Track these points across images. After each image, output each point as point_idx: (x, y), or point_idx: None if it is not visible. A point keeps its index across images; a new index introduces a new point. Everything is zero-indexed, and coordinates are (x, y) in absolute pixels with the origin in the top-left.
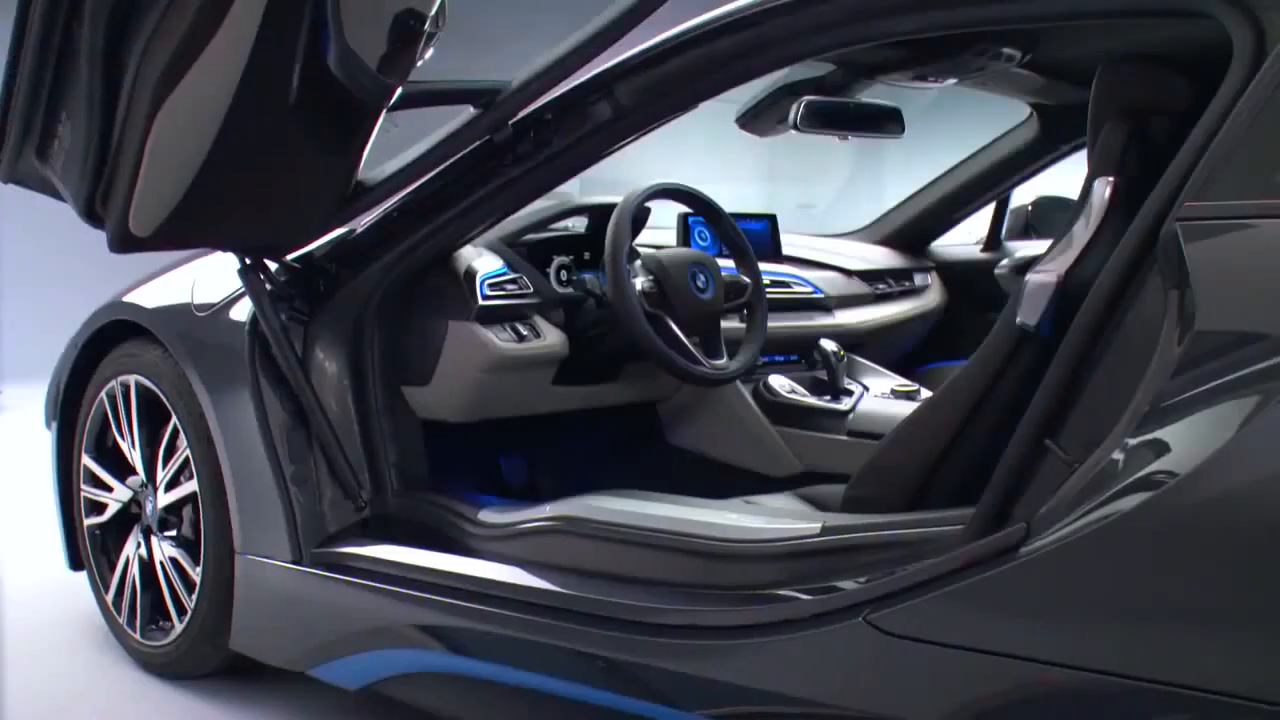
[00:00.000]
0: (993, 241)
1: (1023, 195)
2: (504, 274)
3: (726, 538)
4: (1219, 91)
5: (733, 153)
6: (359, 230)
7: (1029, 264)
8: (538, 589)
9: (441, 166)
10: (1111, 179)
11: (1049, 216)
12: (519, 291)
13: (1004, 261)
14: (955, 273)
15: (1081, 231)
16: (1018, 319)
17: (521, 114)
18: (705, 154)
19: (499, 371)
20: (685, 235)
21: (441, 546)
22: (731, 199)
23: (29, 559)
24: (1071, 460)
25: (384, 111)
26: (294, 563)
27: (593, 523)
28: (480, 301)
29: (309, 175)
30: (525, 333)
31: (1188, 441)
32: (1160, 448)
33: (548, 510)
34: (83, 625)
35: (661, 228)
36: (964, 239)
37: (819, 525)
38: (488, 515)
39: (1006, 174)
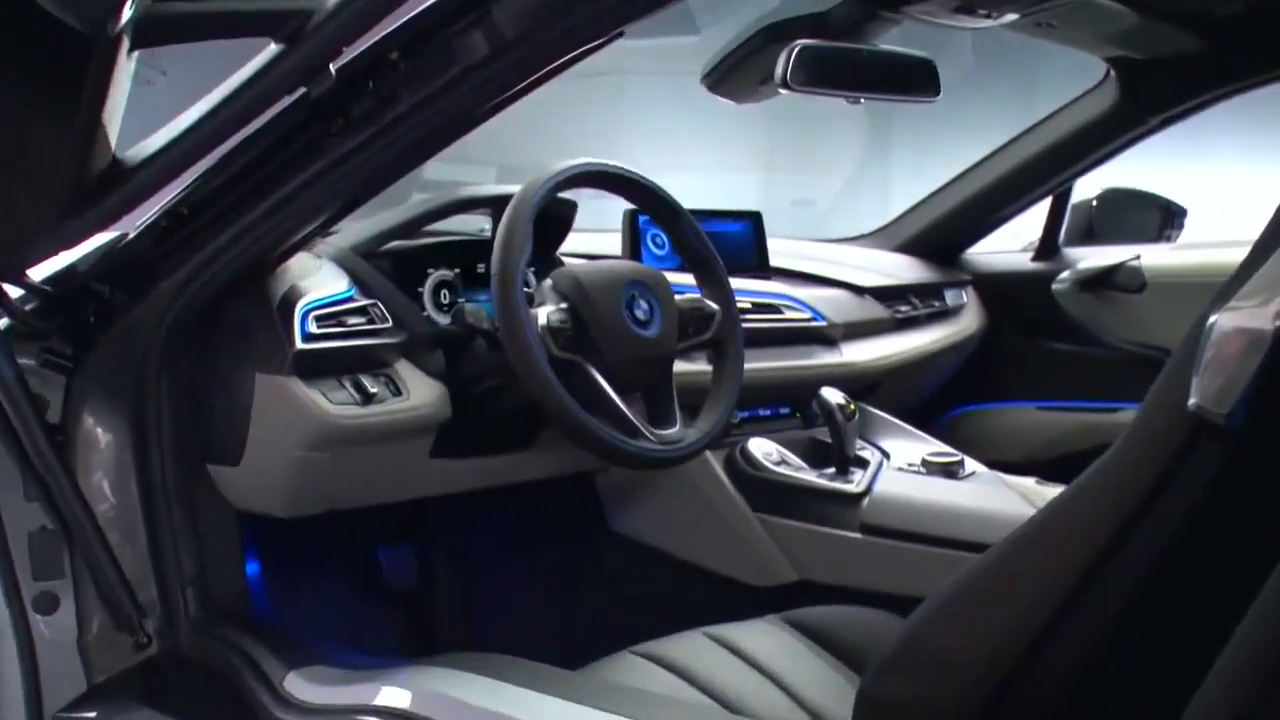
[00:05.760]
0: (1048, 248)
1: (1085, 187)
2: (346, 299)
3: None
4: None
5: (728, 135)
6: (132, 235)
7: (1095, 278)
8: None
9: (239, 137)
10: None
11: (1119, 215)
12: (367, 326)
13: (1063, 274)
14: (998, 288)
15: None
16: (1191, 400)
17: (349, 53)
18: (696, 137)
19: (335, 447)
20: (634, 242)
21: None
22: (728, 193)
23: None
24: None
25: (123, 49)
26: None
27: None
28: (299, 344)
29: (19, 152)
30: (375, 389)
31: None
32: None
33: (378, 692)
34: None
35: (606, 230)
36: (1009, 244)
37: None
38: (297, 686)
39: (1070, 158)
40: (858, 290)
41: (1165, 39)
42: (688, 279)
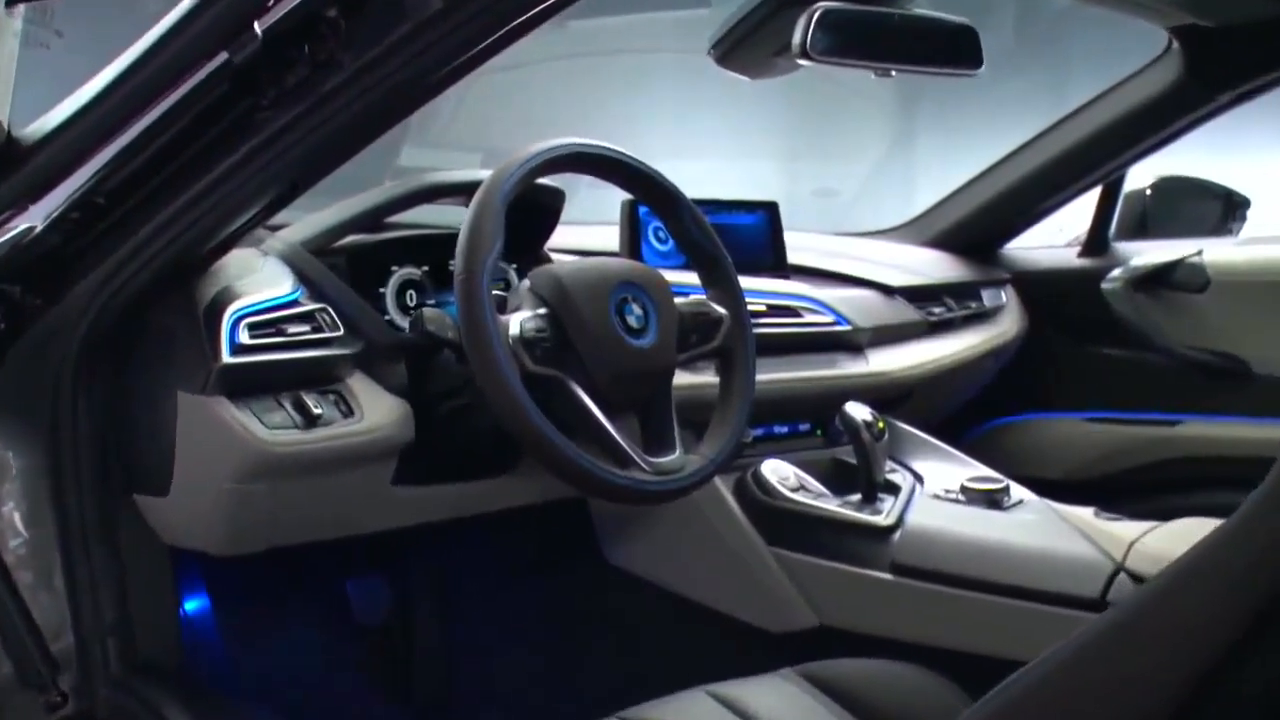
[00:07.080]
0: (1097, 243)
1: (1139, 175)
2: (288, 303)
3: None
4: None
5: (743, 116)
6: (40, 227)
7: (1151, 276)
8: None
9: (156, 111)
10: None
11: (1176, 207)
12: (313, 335)
13: (1114, 272)
14: (1041, 288)
15: None
16: None
17: (278, 9)
18: (708, 119)
19: (273, 478)
20: (634, 236)
21: None
22: (744, 181)
23: None
24: None
25: None
26: None
27: None
28: (226, 358)
29: None
30: (321, 410)
31: None
32: None
33: None
34: None
35: (607, 224)
36: (1053, 239)
37: None
38: None
39: (1125, 142)
40: (886, 290)
41: (1240, 2)
42: (693, 278)
